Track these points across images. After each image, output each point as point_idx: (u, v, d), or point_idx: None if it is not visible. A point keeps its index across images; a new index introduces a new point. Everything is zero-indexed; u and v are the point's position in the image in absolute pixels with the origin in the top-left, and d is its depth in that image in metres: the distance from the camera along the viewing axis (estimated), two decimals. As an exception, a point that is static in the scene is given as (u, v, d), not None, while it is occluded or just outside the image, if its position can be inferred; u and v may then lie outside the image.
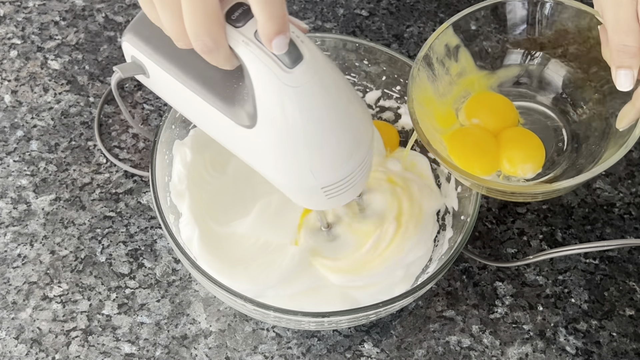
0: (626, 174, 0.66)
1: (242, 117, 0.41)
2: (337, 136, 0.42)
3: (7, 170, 0.63)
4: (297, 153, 0.41)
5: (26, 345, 0.54)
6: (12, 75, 0.69)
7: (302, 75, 0.39)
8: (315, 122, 0.40)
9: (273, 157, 0.42)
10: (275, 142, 0.41)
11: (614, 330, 0.57)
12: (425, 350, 0.56)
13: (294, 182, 0.43)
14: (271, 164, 0.42)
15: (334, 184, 0.43)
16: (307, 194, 0.45)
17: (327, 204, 0.46)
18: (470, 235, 0.51)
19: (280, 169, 0.42)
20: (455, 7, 0.77)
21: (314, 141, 0.41)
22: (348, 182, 0.44)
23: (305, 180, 0.42)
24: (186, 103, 0.45)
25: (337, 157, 0.42)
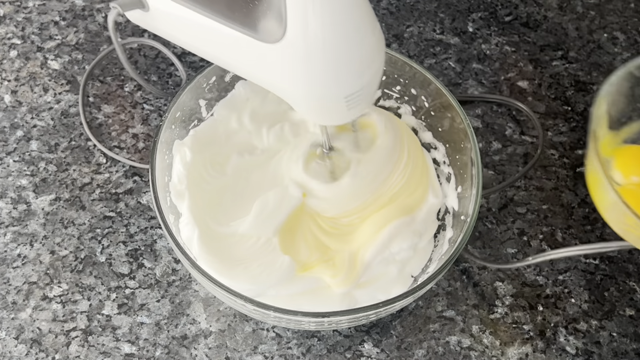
0: (626, 174, 0.66)
1: (266, 32, 0.40)
2: (362, 44, 0.42)
3: (7, 170, 0.63)
4: (325, 62, 0.41)
5: (26, 345, 0.54)
6: (12, 75, 0.69)
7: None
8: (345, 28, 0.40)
9: (300, 69, 0.42)
10: (303, 53, 0.41)
11: (614, 331, 0.57)
12: (425, 350, 0.56)
13: (319, 93, 0.43)
14: (296, 78, 0.42)
15: (357, 92, 0.44)
16: (329, 105, 0.45)
17: (346, 115, 0.46)
18: (470, 235, 0.51)
19: (305, 81, 0.42)
20: (455, 7, 0.77)
21: (342, 48, 0.41)
22: (368, 90, 0.45)
23: (331, 89, 0.43)
24: (195, 33, 0.44)
25: (360, 64, 0.43)
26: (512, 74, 0.72)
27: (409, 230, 0.55)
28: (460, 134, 0.56)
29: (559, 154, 0.67)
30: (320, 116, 0.48)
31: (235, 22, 0.42)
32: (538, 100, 0.71)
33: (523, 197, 0.64)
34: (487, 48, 0.74)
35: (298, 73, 0.42)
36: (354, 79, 0.43)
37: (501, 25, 0.76)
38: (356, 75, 0.43)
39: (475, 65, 0.73)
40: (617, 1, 0.79)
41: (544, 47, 0.75)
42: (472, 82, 0.71)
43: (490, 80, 0.72)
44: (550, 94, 0.71)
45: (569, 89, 0.71)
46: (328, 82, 0.43)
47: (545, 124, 0.69)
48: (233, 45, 0.43)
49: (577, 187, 0.65)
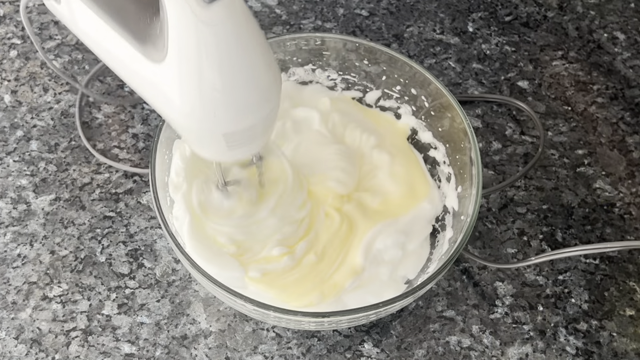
0: (626, 174, 0.66)
1: (152, 50, 0.40)
2: (246, 83, 0.41)
3: (7, 170, 0.63)
4: (201, 93, 0.40)
5: (26, 345, 0.54)
6: (12, 75, 0.69)
7: (218, 13, 0.37)
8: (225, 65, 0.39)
9: (178, 95, 0.40)
10: (181, 79, 0.40)
11: (614, 331, 0.57)
12: (425, 350, 0.56)
13: (196, 124, 0.42)
14: (175, 103, 0.41)
15: (237, 133, 0.43)
16: (208, 140, 0.44)
17: (227, 154, 0.45)
18: (470, 235, 0.51)
19: (184, 109, 0.41)
20: (455, 7, 0.77)
21: (221, 83, 0.40)
22: (251, 135, 0.43)
23: (207, 123, 0.41)
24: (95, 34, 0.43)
25: (242, 105, 0.41)
26: (512, 74, 0.72)
27: (391, 229, 0.56)
28: (460, 133, 0.56)
29: (559, 154, 0.67)
30: (199, 148, 0.46)
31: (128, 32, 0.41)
32: (538, 100, 0.71)
33: (523, 197, 0.64)
34: (487, 48, 0.74)
35: (174, 100, 0.41)
36: (232, 120, 0.42)
37: (501, 25, 0.76)
38: (236, 116, 0.41)
39: (475, 65, 0.73)
40: (617, 1, 0.79)
41: (544, 47, 0.75)
42: (472, 82, 0.71)
43: (490, 80, 0.72)
44: (550, 94, 0.71)
45: (569, 89, 0.71)
46: (204, 116, 0.41)
47: (546, 124, 0.69)
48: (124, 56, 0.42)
49: (577, 187, 0.65)
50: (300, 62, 0.61)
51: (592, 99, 0.71)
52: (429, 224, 0.58)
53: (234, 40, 0.39)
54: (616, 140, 0.68)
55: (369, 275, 0.54)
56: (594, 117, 0.69)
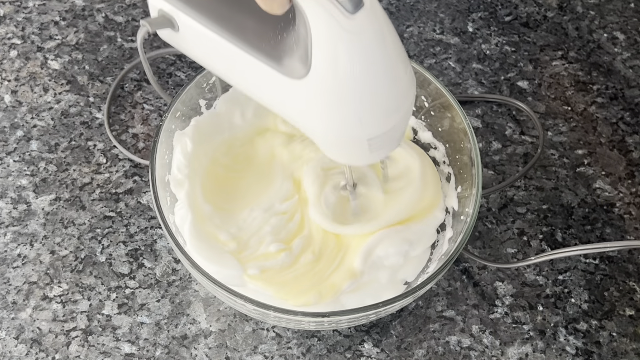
0: (626, 174, 0.66)
1: (291, 67, 0.40)
2: (390, 86, 0.41)
3: (7, 170, 0.63)
4: (349, 102, 0.40)
5: (26, 345, 0.54)
6: (12, 75, 0.69)
7: (363, 21, 0.38)
8: (371, 71, 0.39)
9: (322, 108, 0.41)
10: (327, 91, 0.40)
11: (614, 330, 0.57)
12: (425, 350, 0.56)
13: (341, 133, 0.42)
14: (318, 116, 0.42)
15: (380, 136, 0.43)
16: (350, 145, 0.44)
17: (368, 157, 0.45)
18: (470, 235, 0.51)
19: (328, 120, 0.41)
20: (455, 7, 0.77)
21: (367, 90, 0.40)
22: (392, 134, 0.44)
23: (353, 130, 0.42)
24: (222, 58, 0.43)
25: (386, 108, 0.42)
26: (512, 74, 0.72)
27: (398, 236, 0.55)
28: (460, 133, 0.56)
29: (559, 154, 0.67)
30: (341, 156, 0.47)
31: (261, 53, 0.41)
32: (538, 100, 0.71)
33: (523, 197, 0.64)
34: (487, 48, 0.74)
35: (320, 113, 0.41)
36: (378, 123, 0.42)
37: (501, 25, 0.76)
38: (381, 118, 0.42)
39: (475, 65, 0.73)
40: (617, 1, 0.79)
41: (544, 47, 0.75)
42: (472, 82, 0.71)
43: (490, 80, 0.72)
44: (550, 94, 0.71)
45: (569, 89, 0.71)
46: (350, 126, 0.42)
47: (545, 124, 0.69)
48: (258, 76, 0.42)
49: (577, 187, 0.65)
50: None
51: (592, 99, 0.71)
52: (435, 230, 0.58)
53: (379, 45, 0.39)
54: (616, 140, 0.68)
55: (368, 279, 0.54)
56: (594, 117, 0.69)
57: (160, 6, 0.44)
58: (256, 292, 0.52)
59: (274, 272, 0.53)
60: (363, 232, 0.55)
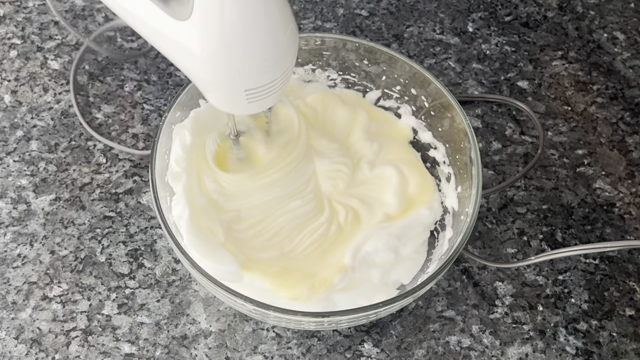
0: (626, 174, 0.66)
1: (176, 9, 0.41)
2: (269, 39, 0.42)
3: (7, 170, 0.63)
4: (227, 50, 0.41)
5: (26, 345, 0.54)
6: (12, 75, 0.69)
7: None
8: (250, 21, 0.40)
9: (202, 52, 0.42)
10: (207, 35, 0.41)
11: (614, 331, 0.57)
12: (425, 350, 0.56)
13: (219, 80, 0.43)
14: (198, 61, 0.42)
15: (257, 88, 0.44)
16: (229, 94, 0.45)
17: (245, 108, 0.46)
18: (470, 235, 0.51)
19: (207, 65, 0.42)
20: (455, 7, 0.77)
21: (246, 40, 0.41)
22: (270, 89, 0.45)
23: (231, 79, 0.43)
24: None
25: (265, 61, 0.43)
26: (512, 74, 0.72)
27: (383, 232, 0.55)
28: (460, 134, 0.56)
29: (559, 154, 0.67)
30: (220, 103, 0.48)
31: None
32: (538, 100, 0.71)
33: (523, 197, 0.64)
34: (487, 48, 0.74)
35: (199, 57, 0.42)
36: (256, 76, 0.43)
37: (501, 25, 0.76)
38: (259, 72, 0.43)
39: (475, 65, 0.73)
40: (617, 1, 0.79)
41: (544, 47, 0.75)
42: (472, 82, 0.71)
43: (490, 80, 0.72)
44: (550, 94, 0.71)
45: (569, 89, 0.71)
46: (227, 73, 0.43)
47: (545, 124, 0.69)
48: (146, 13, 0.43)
49: (577, 187, 0.65)
50: (300, 62, 0.61)
51: (592, 99, 0.71)
52: (427, 230, 0.57)
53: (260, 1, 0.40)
54: (616, 140, 0.68)
55: (360, 277, 0.54)
56: (594, 117, 0.69)
57: None
58: (253, 286, 0.52)
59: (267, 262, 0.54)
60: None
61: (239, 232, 0.55)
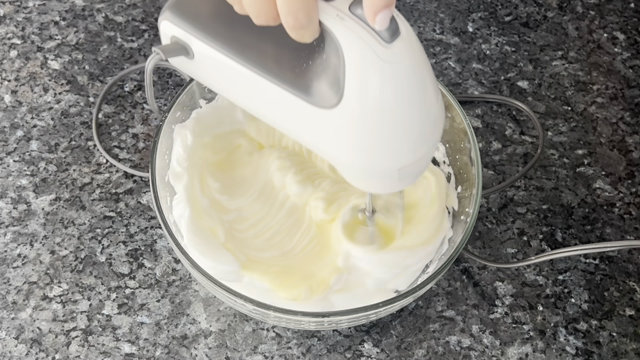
0: (626, 174, 0.66)
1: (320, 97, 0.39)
2: (422, 116, 0.40)
3: (7, 170, 0.63)
4: (382, 133, 0.39)
5: (26, 345, 0.54)
6: (12, 75, 0.69)
7: (399, 51, 0.37)
8: (406, 101, 0.39)
9: (353, 138, 0.39)
10: (359, 122, 0.39)
11: (614, 331, 0.57)
12: (425, 350, 0.56)
13: (372, 163, 0.41)
14: (348, 146, 0.40)
15: (410, 164, 0.42)
16: (380, 175, 0.43)
17: (395, 185, 0.44)
18: (470, 235, 0.51)
19: (358, 150, 0.40)
20: (455, 7, 0.77)
21: (401, 121, 0.39)
22: (421, 162, 0.43)
23: (385, 161, 0.41)
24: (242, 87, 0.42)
25: (419, 137, 0.41)
26: (512, 74, 0.72)
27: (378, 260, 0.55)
28: (460, 133, 0.56)
29: (559, 154, 0.67)
30: (367, 185, 0.45)
31: (285, 82, 0.39)
32: (538, 100, 0.71)
33: (523, 197, 0.64)
34: (487, 48, 0.74)
35: (349, 143, 0.40)
36: (410, 152, 0.41)
37: (501, 25, 0.76)
38: (413, 148, 0.41)
39: (475, 65, 0.73)
40: (617, 1, 0.79)
41: (544, 47, 0.75)
42: (472, 82, 0.71)
43: (490, 80, 0.72)
44: (550, 94, 0.71)
45: (569, 89, 0.71)
46: (382, 155, 0.40)
47: (545, 124, 0.69)
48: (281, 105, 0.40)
49: (577, 187, 0.65)
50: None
51: (592, 99, 0.71)
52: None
53: (414, 75, 0.38)
54: (616, 140, 0.68)
55: (355, 281, 0.54)
56: (594, 117, 0.69)
57: (173, 32, 0.42)
58: (253, 286, 0.52)
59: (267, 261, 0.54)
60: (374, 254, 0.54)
61: (240, 232, 0.55)
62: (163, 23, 0.42)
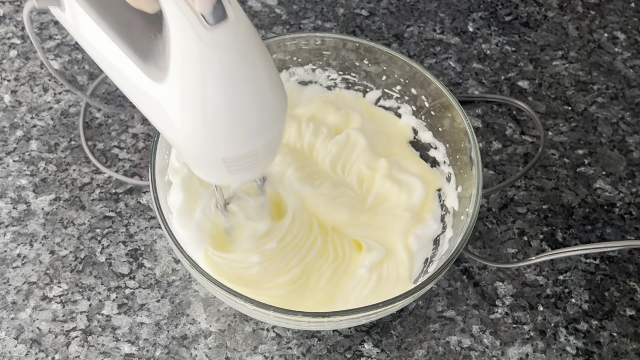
0: (626, 174, 0.66)
1: (153, 69, 0.39)
2: (249, 108, 0.39)
3: (7, 170, 0.63)
4: (203, 117, 0.38)
5: (26, 345, 0.54)
6: (12, 75, 0.69)
7: (223, 36, 0.36)
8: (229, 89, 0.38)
9: (178, 117, 0.39)
10: (182, 101, 0.38)
11: (614, 331, 0.57)
12: (426, 350, 0.56)
13: (196, 147, 0.40)
14: (175, 125, 0.40)
15: (236, 158, 0.41)
16: (207, 163, 0.42)
17: (227, 178, 0.44)
18: (470, 235, 0.51)
19: (183, 131, 0.40)
20: (455, 7, 0.77)
21: (222, 108, 0.38)
22: (253, 158, 0.42)
23: (208, 147, 0.40)
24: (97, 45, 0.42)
25: (244, 130, 0.40)
26: (513, 74, 0.72)
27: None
28: (460, 133, 0.56)
29: (559, 154, 0.67)
30: (200, 172, 0.45)
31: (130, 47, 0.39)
32: (538, 100, 0.70)
33: (523, 197, 0.64)
34: (488, 48, 0.74)
35: (175, 120, 0.40)
36: (234, 145, 0.40)
37: (501, 25, 0.76)
38: (237, 141, 0.40)
39: (476, 65, 0.73)
40: (617, 1, 0.79)
41: (544, 47, 0.75)
42: (472, 82, 0.71)
43: (490, 80, 0.72)
44: (550, 93, 0.71)
45: (569, 89, 0.71)
46: (201, 140, 0.40)
47: (546, 123, 0.69)
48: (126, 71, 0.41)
49: (577, 187, 0.65)
50: (300, 62, 0.61)
51: (592, 99, 0.71)
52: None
53: (239, 64, 0.37)
54: (616, 140, 0.68)
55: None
56: (594, 117, 0.69)
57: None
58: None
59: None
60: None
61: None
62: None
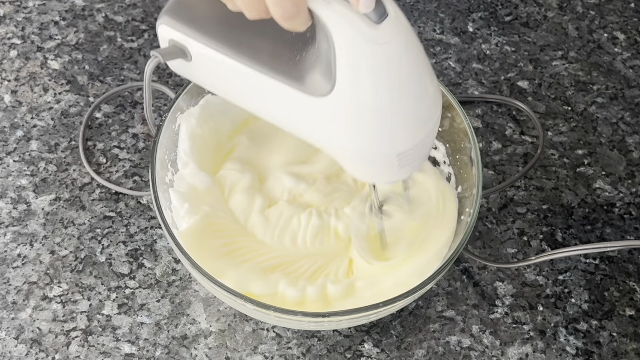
0: (626, 174, 0.66)
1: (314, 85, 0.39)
2: (418, 97, 0.40)
3: (7, 170, 0.63)
4: (377, 117, 0.39)
5: (26, 345, 0.54)
6: (12, 75, 0.69)
7: (389, 31, 0.37)
8: (399, 82, 0.38)
9: (349, 124, 0.39)
10: (354, 107, 0.38)
11: (614, 331, 0.57)
12: (426, 350, 0.56)
13: (370, 149, 0.41)
14: (345, 133, 0.40)
15: (410, 150, 0.41)
16: (379, 162, 0.42)
17: (397, 173, 0.44)
18: (470, 235, 0.51)
19: (355, 137, 0.40)
20: (455, 7, 0.77)
21: (396, 102, 0.39)
22: (421, 147, 0.42)
23: (383, 146, 0.40)
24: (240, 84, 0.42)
25: (416, 120, 0.40)
26: (512, 74, 0.72)
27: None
28: (460, 133, 0.56)
29: (559, 154, 0.67)
30: (369, 175, 0.45)
31: (280, 74, 0.40)
32: (538, 100, 0.70)
33: (523, 197, 0.64)
34: (487, 48, 0.74)
35: (347, 129, 0.40)
36: (407, 137, 0.41)
37: (501, 25, 0.76)
38: (410, 133, 0.41)
39: (475, 65, 0.73)
40: (617, 1, 0.79)
41: (544, 47, 0.75)
42: (472, 82, 0.71)
43: (490, 80, 0.72)
44: (550, 94, 0.71)
45: (569, 89, 0.71)
46: (379, 140, 0.40)
47: (546, 123, 0.69)
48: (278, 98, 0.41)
49: (577, 187, 0.65)
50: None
51: (592, 99, 0.71)
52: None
53: (407, 56, 0.38)
54: (616, 140, 0.68)
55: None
56: (594, 117, 0.69)
57: (171, 36, 0.43)
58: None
59: None
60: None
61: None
62: (161, 27, 0.43)
